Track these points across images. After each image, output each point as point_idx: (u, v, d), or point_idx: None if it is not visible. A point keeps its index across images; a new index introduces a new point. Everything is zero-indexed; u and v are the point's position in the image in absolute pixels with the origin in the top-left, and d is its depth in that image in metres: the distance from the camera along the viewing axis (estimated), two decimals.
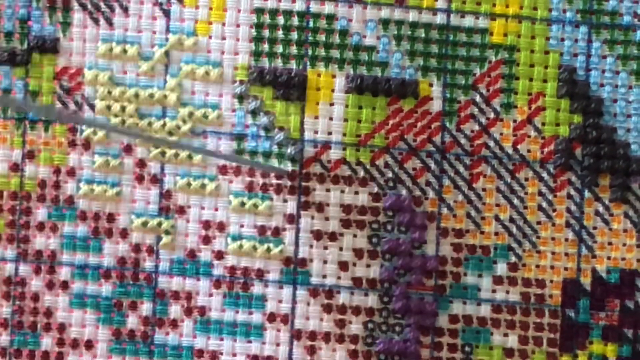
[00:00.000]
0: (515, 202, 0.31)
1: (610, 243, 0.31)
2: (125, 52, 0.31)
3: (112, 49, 0.31)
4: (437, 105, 0.31)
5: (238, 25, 0.31)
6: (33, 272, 0.31)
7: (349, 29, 0.31)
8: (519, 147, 0.31)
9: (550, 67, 0.31)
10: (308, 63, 0.31)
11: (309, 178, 0.31)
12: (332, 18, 0.31)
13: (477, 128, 0.31)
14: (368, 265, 0.31)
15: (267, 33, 0.31)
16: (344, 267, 0.31)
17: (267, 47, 0.31)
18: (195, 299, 0.31)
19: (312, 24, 0.31)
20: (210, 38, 0.31)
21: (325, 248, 0.31)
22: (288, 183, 0.31)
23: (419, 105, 0.31)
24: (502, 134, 0.31)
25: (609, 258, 0.31)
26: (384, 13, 0.31)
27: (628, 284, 0.31)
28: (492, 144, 0.31)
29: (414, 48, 0.31)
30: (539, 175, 0.31)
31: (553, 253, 0.31)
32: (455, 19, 0.31)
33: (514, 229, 0.31)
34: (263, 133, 0.31)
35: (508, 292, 0.31)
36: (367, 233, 0.31)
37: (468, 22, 0.31)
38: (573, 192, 0.31)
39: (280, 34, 0.31)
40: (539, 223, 0.31)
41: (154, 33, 0.31)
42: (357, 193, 0.31)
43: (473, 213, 0.31)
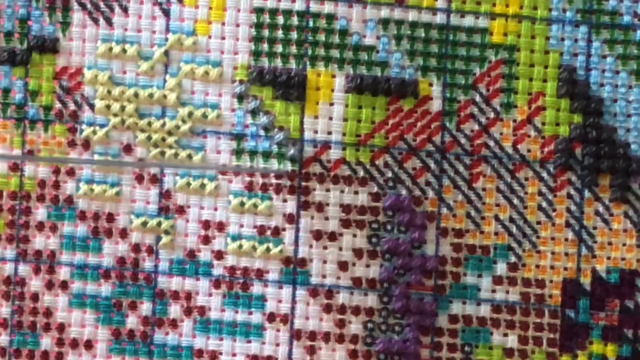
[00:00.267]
0: (515, 202, 0.31)
1: (610, 243, 0.31)
2: (125, 51, 0.31)
3: (111, 49, 0.31)
4: (437, 105, 0.31)
5: (238, 25, 0.31)
6: (32, 272, 0.31)
7: (349, 29, 0.31)
8: (519, 146, 0.31)
9: (550, 66, 0.31)
10: (308, 63, 0.31)
11: (309, 178, 0.31)
12: (331, 18, 0.31)
13: (477, 128, 0.31)
14: (368, 265, 0.31)
15: (266, 33, 0.31)
16: (344, 267, 0.31)
17: (266, 46, 0.31)
18: (195, 299, 0.31)
19: (311, 24, 0.31)
20: (210, 38, 0.31)
21: (325, 248, 0.31)
22: (288, 183, 0.31)
23: (419, 105, 0.31)
24: (502, 134, 0.31)
25: (609, 258, 0.31)
26: (384, 13, 0.31)
27: (628, 284, 0.31)
28: (492, 144, 0.31)
29: (414, 48, 0.31)
30: (539, 175, 0.31)
31: (553, 253, 0.31)
32: (455, 19, 0.31)
33: (514, 229, 0.31)
34: (263, 133, 0.31)
35: (508, 292, 0.31)
36: (366, 233, 0.31)
37: (468, 21, 0.31)
38: (573, 191, 0.31)
39: (280, 34, 0.31)
40: (539, 223, 0.31)
41: (154, 33, 0.31)
42: (356, 193, 0.31)
43: (473, 213, 0.31)
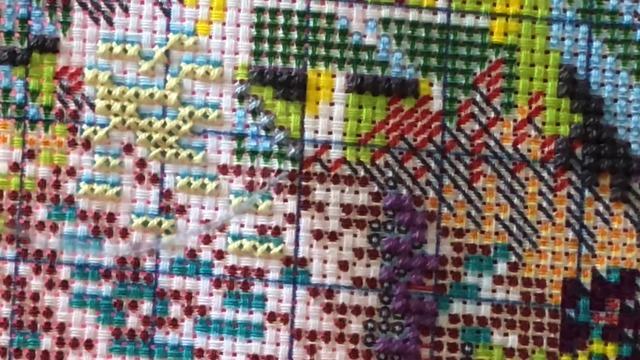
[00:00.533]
0: (516, 201, 0.31)
1: (611, 242, 0.31)
2: (126, 51, 0.31)
3: (112, 49, 0.31)
4: (437, 105, 0.31)
5: (238, 25, 0.31)
6: (33, 271, 0.31)
7: (349, 29, 0.31)
8: (519, 146, 0.31)
9: (551, 66, 0.31)
10: (308, 62, 0.31)
11: (309, 177, 0.31)
12: (332, 17, 0.31)
13: (477, 127, 0.31)
14: (368, 265, 0.31)
15: (267, 32, 0.31)
16: (344, 266, 0.31)
17: (267, 46, 0.31)
18: (196, 299, 0.31)
19: (312, 24, 0.31)
20: (211, 37, 0.31)
21: (325, 247, 0.31)
22: (288, 182, 0.31)
23: (419, 105, 0.31)
24: (502, 134, 0.31)
25: (609, 258, 0.31)
26: (384, 12, 0.31)
27: (628, 284, 0.31)
28: (492, 144, 0.31)
29: (414, 47, 0.31)
30: (539, 175, 0.31)
31: (553, 252, 0.31)
32: (456, 19, 0.31)
33: (514, 229, 0.31)
34: (263, 133, 0.31)
35: (508, 291, 0.31)
36: (367, 232, 0.31)
37: (468, 21, 0.31)
38: (573, 191, 0.31)
39: (281, 34, 0.31)
40: (539, 222, 0.31)
41: (154, 32, 0.31)
42: (357, 192, 0.31)
43: (473, 212, 0.31)
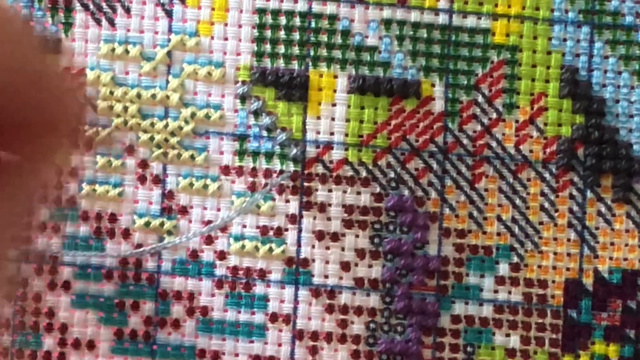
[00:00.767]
0: (518, 202, 0.31)
1: (613, 243, 0.31)
2: (128, 52, 0.31)
3: (114, 50, 0.31)
4: (439, 106, 0.31)
5: (240, 26, 0.31)
6: (35, 272, 0.31)
7: (351, 30, 0.31)
8: (521, 147, 0.31)
9: (553, 67, 0.31)
10: (310, 63, 0.31)
11: (311, 178, 0.31)
12: (334, 18, 0.31)
13: (479, 128, 0.31)
14: (370, 266, 0.31)
15: (269, 33, 0.31)
16: (346, 267, 0.31)
17: (269, 47, 0.31)
18: (198, 299, 0.31)
19: (314, 25, 0.31)
20: (213, 38, 0.31)
21: (327, 248, 0.31)
22: (290, 183, 0.31)
23: (421, 106, 0.31)
24: (504, 135, 0.31)
25: (611, 258, 0.31)
26: (386, 13, 0.31)
27: (630, 285, 0.31)
28: (494, 145, 0.31)
29: (416, 48, 0.31)
30: (541, 176, 0.31)
31: (555, 253, 0.31)
32: (458, 19, 0.31)
33: (516, 230, 0.31)
34: (265, 133, 0.31)
35: (510, 292, 0.31)
36: (369, 233, 0.31)
37: (470, 22, 0.31)
38: (575, 192, 0.31)
39: (283, 35, 0.31)
40: (541, 223, 0.31)
41: (156, 33, 0.31)
42: (359, 193, 0.31)
43: (475, 213, 0.31)
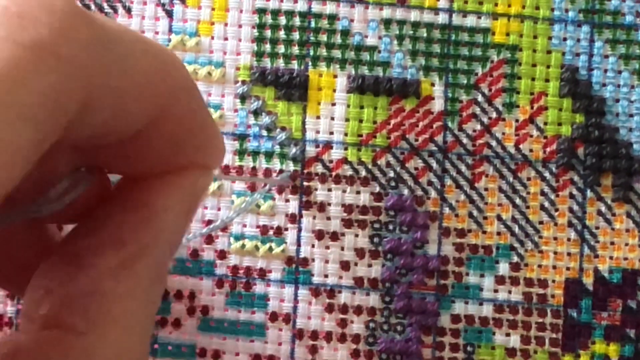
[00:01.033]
0: (518, 201, 0.31)
1: (613, 243, 0.31)
2: None
3: None
4: (439, 105, 0.31)
5: (240, 26, 0.31)
6: None
7: (351, 29, 0.31)
8: (521, 146, 0.31)
9: (553, 66, 0.31)
10: (310, 63, 0.31)
11: (311, 178, 0.31)
12: (333, 18, 0.31)
13: (479, 127, 0.31)
14: (370, 265, 0.31)
15: (269, 33, 0.31)
16: (346, 266, 0.31)
17: (269, 47, 0.31)
18: (198, 298, 0.31)
19: (313, 24, 0.31)
20: (213, 38, 0.31)
21: (327, 248, 0.31)
22: (290, 183, 0.31)
23: (421, 105, 0.31)
24: (504, 134, 0.31)
25: (612, 258, 0.31)
26: (386, 13, 0.31)
27: (630, 284, 0.31)
28: (494, 144, 0.31)
29: (416, 48, 0.31)
30: (541, 175, 0.31)
31: (555, 253, 0.31)
32: (457, 19, 0.31)
33: (516, 229, 0.31)
34: (265, 133, 0.31)
35: (510, 291, 0.31)
36: (368, 233, 0.31)
37: (470, 21, 0.31)
38: (575, 191, 0.31)
39: (282, 34, 0.31)
40: (541, 223, 0.31)
41: (157, 33, 0.31)
42: (358, 193, 0.31)
43: (475, 213, 0.31)
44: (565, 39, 0.31)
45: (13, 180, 0.17)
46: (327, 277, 0.31)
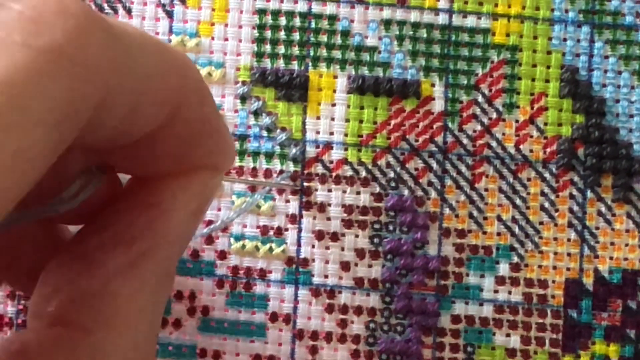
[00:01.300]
0: (518, 202, 0.31)
1: (613, 243, 0.31)
2: None
3: None
4: (439, 106, 0.31)
5: (240, 27, 0.31)
6: None
7: (351, 30, 0.31)
8: (521, 147, 0.31)
9: (553, 67, 0.31)
10: (310, 64, 0.31)
11: (311, 178, 0.31)
12: (334, 19, 0.31)
13: (479, 128, 0.31)
14: (370, 266, 0.31)
15: (269, 34, 0.31)
16: (346, 267, 0.31)
17: (269, 48, 0.31)
18: (199, 299, 0.31)
19: (314, 25, 0.31)
20: (213, 39, 0.31)
21: (327, 248, 0.31)
22: (290, 183, 0.31)
23: (421, 106, 0.31)
24: (504, 134, 0.31)
25: (612, 258, 0.31)
26: (386, 13, 0.31)
27: (630, 284, 0.31)
28: (494, 144, 0.31)
29: (416, 48, 0.31)
30: (542, 176, 0.31)
31: (555, 253, 0.31)
32: (458, 19, 0.31)
33: (517, 229, 0.31)
34: (265, 134, 0.31)
35: (510, 292, 0.31)
36: (368, 233, 0.31)
37: (470, 22, 0.31)
38: (575, 192, 0.31)
39: (282, 35, 0.31)
40: (542, 223, 0.31)
41: (157, 34, 0.31)
42: (358, 193, 0.31)
43: (475, 213, 0.31)
44: (566, 40, 0.31)
45: (29, 185, 0.17)
46: (327, 277, 0.31)
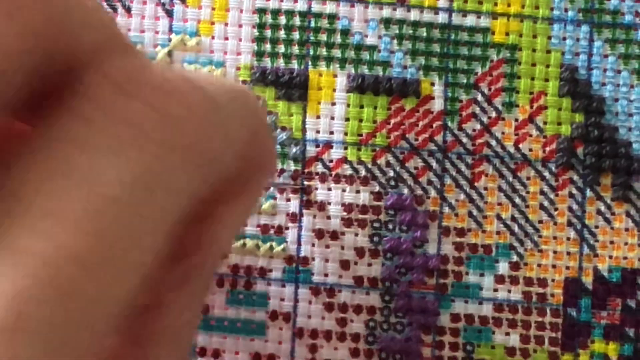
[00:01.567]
0: (517, 201, 0.31)
1: (612, 242, 0.31)
2: None
3: None
4: (438, 105, 0.31)
5: (240, 26, 0.31)
6: None
7: (351, 29, 0.31)
8: (521, 146, 0.31)
9: (552, 66, 0.31)
10: (310, 63, 0.31)
11: (311, 177, 0.31)
12: (333, 18, 0.31)
13: (478, 127, 0.31)
14: (369, 264, 0.31)
15: (269, 33, 0.31)
16: (346, 265, 0.31)
17: (269, 47, 0.31)
18: None
19: (313, 24, 0.31)
20: (213, 38, 0.31)
21: (327, 247, 0.31)
22: (291, 182, 0.31)
23: (421, 105, 0.31)
24: (503, 133, 0.31)
25: (611, 257, 0.31)
26: (386, 12, 0.31)
27: (630, 283, 0.31)
28: (493, 143, 0.31)
29: (416, 47, 0.31)
30: (541, 174, 0.31)
31: (555, 252, 0.31)
32: (457, 18, 0.31)
33: (516, 228, 0.31)
34: None
35: (510, 291, 0.31)
36: (368, 232, 0.31)
37: (470, 21, 0.31)
38: (575, 191, 0.31)
39: (282, 34, 0.31)
40: (541, 222, 0.31)
41: (157, 33, 0.31)
42: (358, 192, 0.31)
43: (475, 212, 0.31)
44: (565, 39, 0.31)
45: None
46: (327, 276, 0.31)
